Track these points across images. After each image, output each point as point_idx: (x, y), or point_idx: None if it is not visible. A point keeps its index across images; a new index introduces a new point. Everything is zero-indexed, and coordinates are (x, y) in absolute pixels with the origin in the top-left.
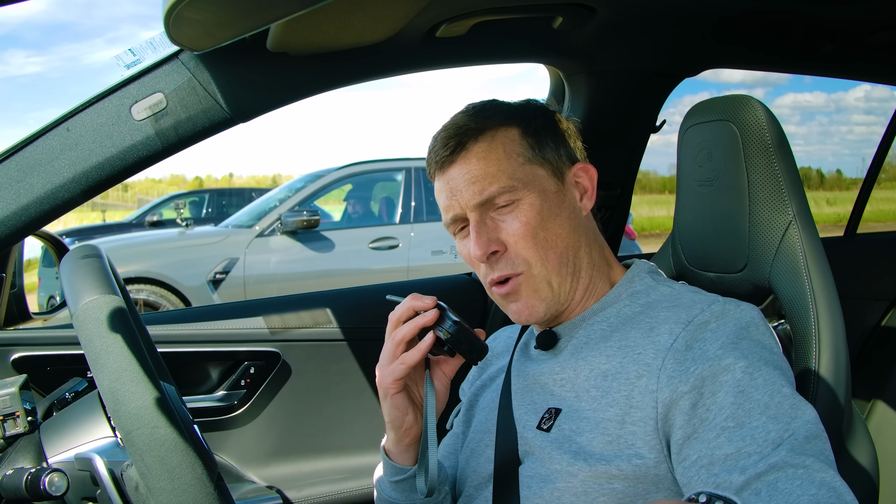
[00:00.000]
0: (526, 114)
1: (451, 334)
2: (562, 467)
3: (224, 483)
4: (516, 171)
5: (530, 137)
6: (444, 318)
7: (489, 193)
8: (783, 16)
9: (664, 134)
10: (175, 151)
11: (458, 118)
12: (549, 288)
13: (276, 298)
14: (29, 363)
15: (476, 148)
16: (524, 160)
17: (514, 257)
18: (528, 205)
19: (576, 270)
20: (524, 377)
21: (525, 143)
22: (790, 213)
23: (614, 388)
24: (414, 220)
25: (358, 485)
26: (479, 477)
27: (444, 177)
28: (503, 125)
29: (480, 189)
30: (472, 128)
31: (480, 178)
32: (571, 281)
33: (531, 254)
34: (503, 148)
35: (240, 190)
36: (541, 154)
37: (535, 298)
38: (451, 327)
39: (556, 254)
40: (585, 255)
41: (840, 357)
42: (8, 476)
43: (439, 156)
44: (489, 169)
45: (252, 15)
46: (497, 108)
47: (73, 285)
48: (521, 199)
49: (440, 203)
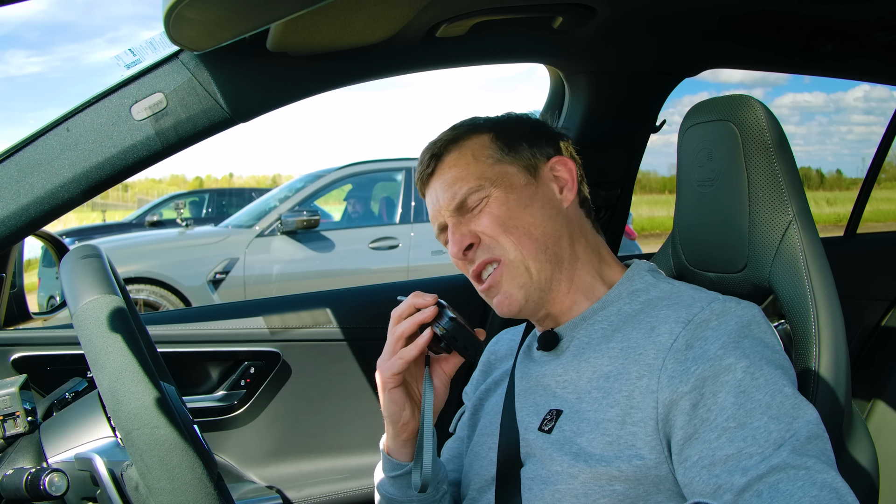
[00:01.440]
0: (500, 121)
1: (447, 330)
2: (563, 469)
3: (224, 483)
4: (485, 172)
5: (500, 140)
6: (441, 315)
7: (461, 195)
8: (783, 16)
9: (664, 134)
10: (175, 151)
11: (440, 136)
12: (528, 273)
13: (276, 298)
14: (29, 363)
15: (448, 158)
16: (493, 161)
17: (490, 243)
18: (495, 199)
19: (557, 259)
20: (527, 379)
21: (495, 146)
22: (790, 213)
23: (615, 389)
24: (414, 220)
25: (358, 485)
26: (482, 480)
27: (428, 191)
28: (474, 133)
29: (453, 194)
30: (447, 139)
31: (452, 184)
32: (552, 269)
33: (504, 240)
34: (471, 153)
35: (240, 190)
36: (512, 153)
37: (514, 286)
38: (447, 324)
39: (531, 239)
40: (567, 245)
41: (840, 357)
42: (8, 476)
43: (421, 173)
44: (459, 173)
45: (252, 15)
46: (475, 121)
47: (73, 285)
48: (490, 195)
49: (430, 217)
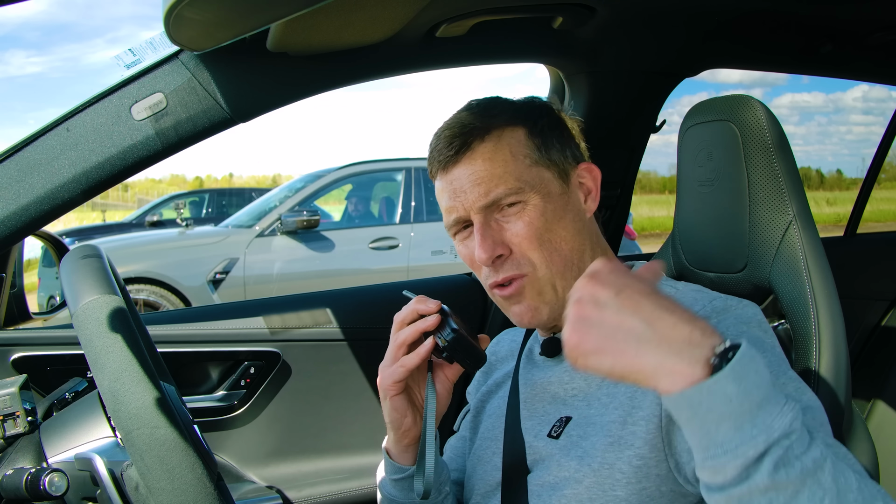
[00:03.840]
0: (531, 113)
1: (448, 342)
2: (569, 474)
3: (224, 483)
4: (523, 173)
5: (536, 138)
6: (443, 325)
7: (495, 195)
8: (783, 16)
9: (664, 134)
10: (175, 151)
11: (462, 116)
12: (553, 291)
13: (276, 298)
14: (29, 363)
15: (482, 148)
16: (531, 162)
17: (520, 258)
18: (533, 207)
19: (579, 275)
20: (531, 386)
21: (531, 144)
22: (790, 213)
23: (620, 392)
24: (414, 220)
25: (358, 485)
26: (487, 485)
27: (448, 177)
28: (509, 125)
29: (486, 191)
30: (478, 127)
31: (486, 180)
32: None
33: (536, 255)
34: (509, 149)
35: (240, 190)
36: (547, 155)
37: (539, 301)
38: (449, 335)
39: (560, 257)
40: (589, 259)
41: (840, 357)
42: (8, 476)
43: (443, 155)
44: (495, 170)
45: (252, 15)
46: (502, 107)
47: (73, 285)
48: (527, 201)
49: (442, 204)
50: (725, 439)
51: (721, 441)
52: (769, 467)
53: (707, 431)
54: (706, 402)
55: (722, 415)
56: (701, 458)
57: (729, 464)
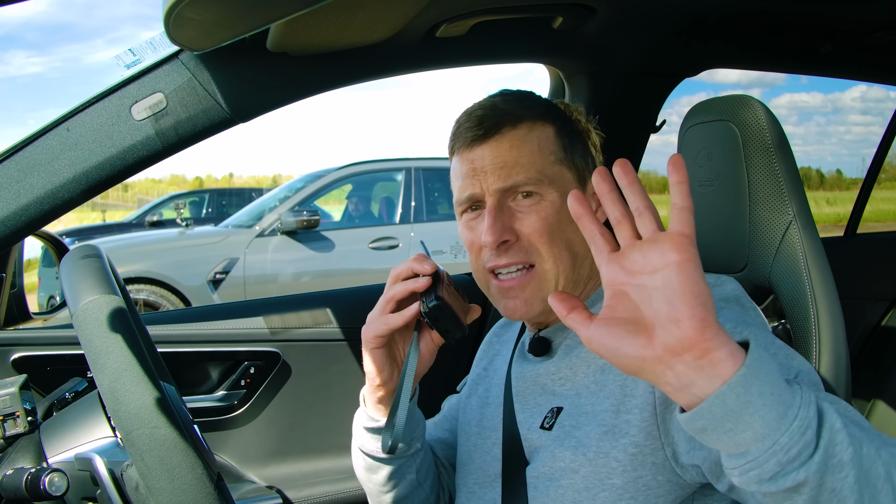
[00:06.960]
0: (563, 114)
1: (430, 309)
2: (565, 464)
3: (224, 483)
4: (546, 168)
5: (564, 138)
6: (431, 291)
7: (514, 181)
8: (783, 16)
9: (664, 134)
10: (175, 151)
11: (495, 101)
12: (555, 287)
13: (276, 298)
14: (29, 363)
15: (512, 134)
16: (555, 159)
17: (528, 247)
18: (550, 203)
19: (581, 279)
20: (523, 380)
21: (558, 143)
22: (790, 213)
23: (610, 381)
24: (414, 220)
25: (358, 485)
26: (485, 475)
27: (470, 154)
28: (541, 119)
29: (507, 175)
30: (512, 113)
31: (510, 165)
32: (573, 287)
33: (546, 248)
34: (538, 142)
35: (240, 190)
36: (571, 157)
37: (537, 297)
38: (432, 302)
39: (570, 255)
40: (595, 263)
41: (840, 357)
42: (8, 476)
43: (472, 132)
44: (521, 158)
45: (252, 15)
46: (536, 101)
47: (73, 285)
48: (544, 195)
49: (456, 180)
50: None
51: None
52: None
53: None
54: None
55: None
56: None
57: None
